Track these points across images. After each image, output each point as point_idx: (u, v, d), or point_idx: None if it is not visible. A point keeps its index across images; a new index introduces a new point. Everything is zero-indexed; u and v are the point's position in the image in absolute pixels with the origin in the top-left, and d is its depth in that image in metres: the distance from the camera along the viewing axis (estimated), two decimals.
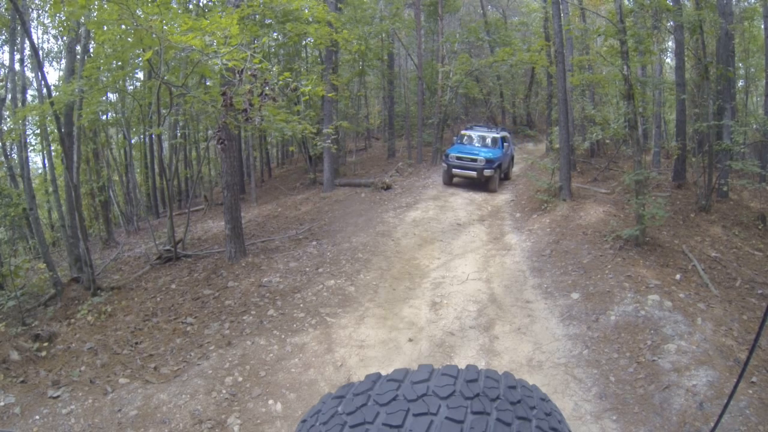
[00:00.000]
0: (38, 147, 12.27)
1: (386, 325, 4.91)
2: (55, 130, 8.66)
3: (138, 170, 16.48)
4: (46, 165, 11.89)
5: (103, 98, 10.02)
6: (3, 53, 15.26)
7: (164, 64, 5.75)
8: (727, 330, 4.47)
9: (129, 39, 5.79)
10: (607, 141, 11.84)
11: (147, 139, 14.73)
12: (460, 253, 6.94)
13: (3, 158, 8.65)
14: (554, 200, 8.61)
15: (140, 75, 11.92)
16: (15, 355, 4.51)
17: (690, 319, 4.60)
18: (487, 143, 12.01)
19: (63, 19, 7.02)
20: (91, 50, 8.58)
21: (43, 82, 7.21)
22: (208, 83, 9.54)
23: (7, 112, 8.56)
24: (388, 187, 11.15)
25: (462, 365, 0.60)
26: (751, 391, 3.60)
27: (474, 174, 10.88)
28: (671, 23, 9.25)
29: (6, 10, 7.70)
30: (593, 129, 10.36)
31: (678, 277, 5.53)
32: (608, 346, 4.39)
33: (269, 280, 6.10)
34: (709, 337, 4.30)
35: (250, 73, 4.59)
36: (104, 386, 4.07)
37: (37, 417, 3.65)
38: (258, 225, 9.72)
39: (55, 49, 13.71)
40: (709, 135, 8.01)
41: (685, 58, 9.23)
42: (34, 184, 9.68)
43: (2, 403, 3.81)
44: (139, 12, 4.87)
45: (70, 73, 7.31)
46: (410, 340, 4.63)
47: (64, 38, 9.73)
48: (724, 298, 5.13)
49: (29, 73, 10.23)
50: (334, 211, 9.79)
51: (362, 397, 0.55)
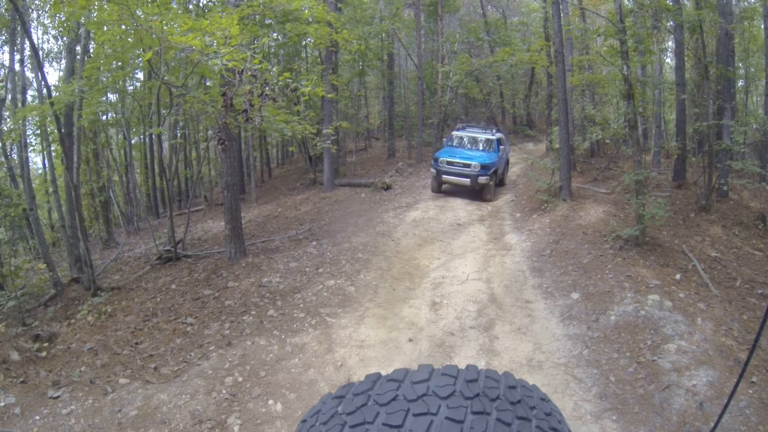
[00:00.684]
0: (38, 147, 12.28)
1: (386, 325, 4.91)
2: (55, 131, 8.66)
3: (138, 170, 16.48)
4: (46, 165, 11.90)
5: (103, 98, 10.02)
6: (3, 53, 15.27)
7: (164, 64, 5.75)
8: (727, 330, 4.47)
9: (129, 39, 5.79)
10: (607, 141, 11.84)
11: (147, 140, 14.74)
12: (460, 253, 6.94)
13: (3, 158, 8.65)
14: (554, 200, 8.61)
15: (140, 75, 11.93)
16: (15, 356, 4.52)
17: (690, 319, 4.60)
18: (482, 146, 11.16)
19: (63, 19, 7.02)
20: (91, 50, 8.57)
21: (43, 83, 7.21)
22: (208, 83, 9.55)
23: (7, 113, 8.56)
24: (388, 187, 11.15)
25: (462, 365, 0.60)
26: (751, 391, 3.60)
27: (467, 181, 9.99)
28: (671, 23, 9.25)
29: (6, 10, 7.70)
30: (593, 129, 10.37)
31: (678, 276, 5.53)
32: (608, 346, 4.39)
33: (269, 280, 6.10)
34: (709, 337, 4.30)
35: (250, 74, 4.59)
36: (104, 386, 4.07)
37: (38, 417, 3.66)
38: (258, 225, 9.72)
39: (55, 50, 13.73)
40: (709, 135, 8.01)
41: (685, 58, 9.23)
42: (34, 185, 9.68)
43: (2, 404, 3.81)
44: (139, 12, 4.87)
45: (70, 73, 7.31)
46: (410, 340, 4.63)
47: (64, 38, 9.73)
48: (724, 298, 5.13)
49: (29, 74, 10.24)
50: (334, 211, 9.79)
51: (362, 397, 0.55)
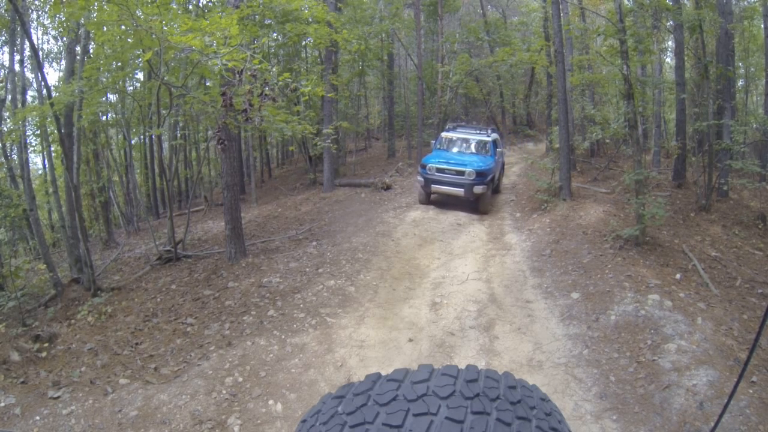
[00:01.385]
0: (38, 148, 12.30)
1: (386, 326, 4.91)
2: (55, 131, 8.67)
3: (138, 171, 16.49)
4: (46, 166, 11.90)
5: (103, 99, 10.03)
6: (3, 54, 15.27)
7: (164, 64, 5.75)
8: (728, 329, 4.47)
9: (129, 40, 5.81)
10: (607, 141, 11.84)
11: (147, 140, 14.75)
12: (460, 253, 6.94)
13: (3, 159, 8.65)
14: (554, 200, 8.61)
15: (140, 75, 11.92)
16: (15, 356, 4.52)
17: (690, 318, 4.60)
18: (475, 149, 9.94)
19: (63, 19, 7.04)
20: (91, 51, 8.58)
21: (43, 83, 7.21)
22: (207, 84, 9.55)
23: (7, 113, 8.56)
24: (388, 187, 11.15)
25: (462, 365, 0.60)
26: (751, 391, 3.60)
27: (460, 192, 8.76)
28: (671, 23, 9.25)
29: (6, 10, 7.70)
30: (593, 129, 10.38)
31: (678, 276, 5.53)
32: (608, 346, 4.39)
33: (269, 280, 6.10)
34: (710, 337, 4.30)
35: (249, 74, 4.59)
36: (104, 387, 4.07)
37: (38, 417, 3.65)
38: (258, 225, 9.72)
39: (55, 50, 13.73)
40: (709, 134, 8.02)
41: (685, 58, 9.24)
42: (34, 185, 9.68)
43: (3, 404, 3.81)
44: (139, 13, 4.87)
45: (70, 73, 7.31)
46: (410, 340, 4.63)
47: (64, 39, 9.74)
48: (725, 298, 5.13)
49: (29, 74, 10.24)
50: (334, 211, 9.79)
51: (362, 397, 0.55)
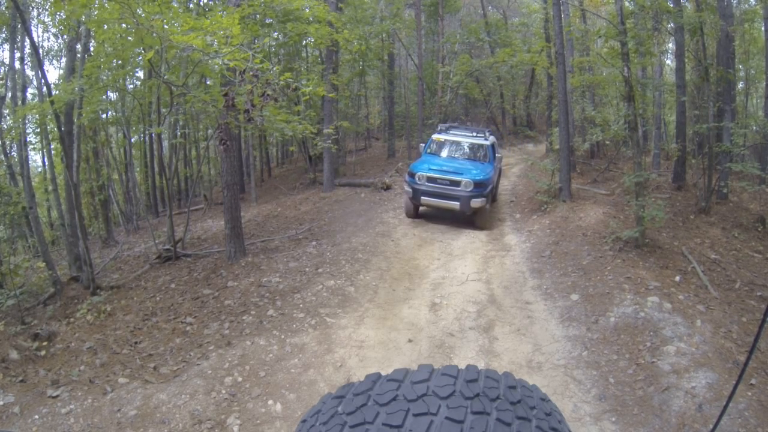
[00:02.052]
0: (38, 145, 12.27)
1: (386, 326, 4.91)
2: (55, 129, 8.67)
3: (138, 169, 16.48)
4: (46, 164, 11.91)
5: (104, 97, 10.02)
6: (3, 51, 15.30)
7: (165, 63, 5.75)
8: (727, 332, 4.47)
9: (130, 38, 5.80)
10: (607, 142, 11.84)
11: (147, 138, 14.74)
12: (460, 254, 6.94)
13: (3, 157, 8.64)
14: (554, 201, 8.61)
15: (140, 74, 11.91)
16: (14, 354, 4.51)
17: (689, 320, 4.60)
18: (472, 154, 8.83)
19: (63, 17, 7.02)
20: (92, 49, 8.57)
21: (43, 81, 7.21)
22: (208, 83, 9.53)
23: (7, 111, 8.56)
24: (388, 188, 11.15)
25: (462, 366, 0.60)
26: (750, 393, 3.61)
27: (455, 205, 7.64)
28: (672, 25, 9.26)
29: (6, 8, 7.70)
30: (593, 130, 10.37)
31: (677, 278, 5.53)
32: (608, 348, 4.39)
33: (269, 280, 6.09)
34: (709, 339, 4.30)
35: (251, 73, 4.59)
36: (104, 386, 4.07)
37: (37, 416, 3.65)
38: (258, 225, 9.71)
39: (56, 48, 13.74)
40: (709, 137, 8.02)
41: (686, 60, 9.25)
42: (33, 183, 9.67)
43: (1, 403, 3.80)
44: (140, 11, 4.87)
45: (71, 71, 7.30)
46: (410, 341, 4.63)
47: (65, 37, 9.74)
48: (724, 300, 5.13)
49: (29, 72, 10.24)
50: (334, 211, 9.79)
51: (362, 397, 0.55)
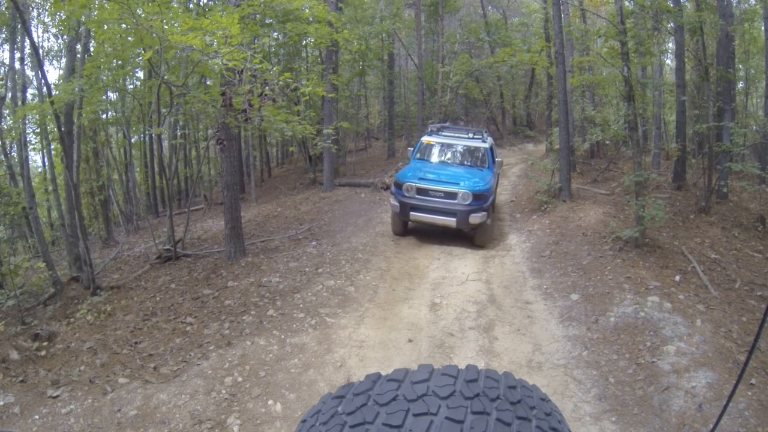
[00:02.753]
0: (38, 146, 12.28)
1: (386, 326, 4.91)
2: (55, 129, 8.66)
3: (138, 169, 16.48)
4: (46, 164, 11.92)
5: (104, 97, 10.03)
6: (3, 52, 15.31)
7: (164, 63, 5.75)
8: (727, 332, 4.47)
9: (129, 38, 5.80)
10: (607, 142, 11.84)
11: (147, 139, 14.74)
12: (460, 254, 6.94)
13: (3, 157, 8.64)
14: (554, 201, 8.61)
15: (140, 74, 11.91)
16: (14, 355, 4.51)
17: (689, 320, 4.60)
18: (468, 159, 7.75)
19: (63, 17, 7.02)
20: (92, 49, 8.57)
21: (43, 81, 7.21)
22: (208, 83, 9.53)
23: (7, 111, 8.56)
24: (387, 187, 11.14)
25: (462, 366, 0.60)
26: (750, 393, 3.60)
27: (451, 222, 6.65)
28: (672, 25, 9.26)
29: (6, 8, 7.70)
30: (593, 130, 10.37)
31: (677, 278, 5.53)
32: (608, 348, 4.39)
33: (269, 280, 6.09)
34: (709, 339, 4.30)
35: (250, 74, 4.59)
36: (104, 386, 4.07)
37: (37, 417, 3.65)
38: (258, 225, 9.71)
39: (55, 48, 13.75)
40: (709, 136, 8.02)
41: (686, 60, 9.24)
42: (33, 183, 9.68)
43: (2, 403, 3.80)
44: (140, 11, 4.87)
45: (71, 71, 7.30)
46: (410, 341, 4.63)
47: (65, 37, 9.74)
48: (724, 300, 5.13)
49: (29, 72, 10.25)
50: (334, 211, 9.79)
51: (362, 397, 0.55)
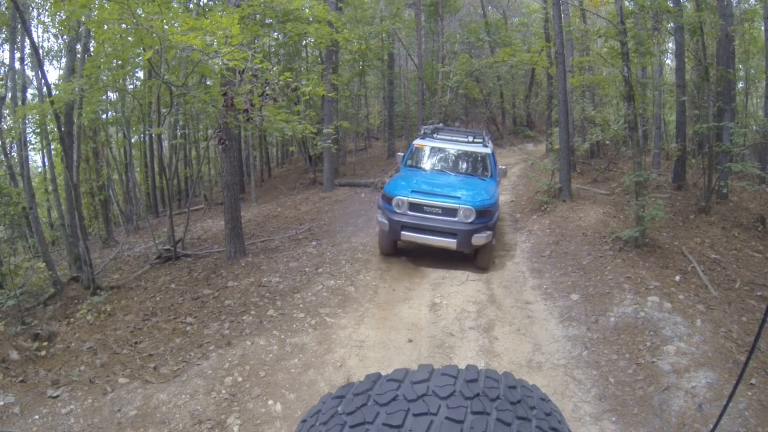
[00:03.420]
0: (38, 146, 12.28)
1: (386, 326, 4.91)
2: (55, 129, 8.66)
3: (138, 169, 16.48)
4: (46, 164, 11.91)
5: (104, 97, 10.03)
6: (3, 52, 15.31)
7: (165, 63, 5.75)
8: (727, 332, 4.47)
9: (129, 38, 5.80)
10: (607, 142, 11.84)
11: (147, 138, 14.74)
12: (460, 253, 6.93)
13: (3, 157, 8.64)
14: (554, 201, 8.61)
15: (140, 74, 11.91)
16: (14, 355, 4.51)
17: (689, 320, 4.60)
18: (468, 166, 6.86)
19: (63, 17, 7.02)
20: (92, 49, 8.57)
21: (43, 81, 7.20)
22: (208, 83, 9.54)
23: (7, 111, 8.56)
24: None
25: (462, 366, 0.60)
26: (750, 393, 3.60)
27: (451, 243, 5.85)
28: (672, 25, 9.26)
29: (6, 8, 7.70)
30: (593, 130, 10.37)
31: (677, 278, 5.53)
32: (608, 348, 4.39)
33: (269, 280, 6.09)
34: (709, 339, 4.30)
35: (251, 73, 4.59)
36: (104, 386, 4.07)
37: (37, 417, 3.65)
38: (258, 224, 9.71)
39: (55, 48, 13.75)
40: (709, 136, 8.01)
41: (686, 60, 9.24)
42: (33, 183, 9.67)
43: (2, 403, 3.81)
44: (140, 11, 4.87)
45: (71, 71, 7.30)
46: (410, 341, 4.63)
47: (65, 37, 9.73)
48: (724, 300, 5.13)
49: (29, 72, 10.23)
50: (334, 211, 9.79)
51: (362, 397, 0.55)
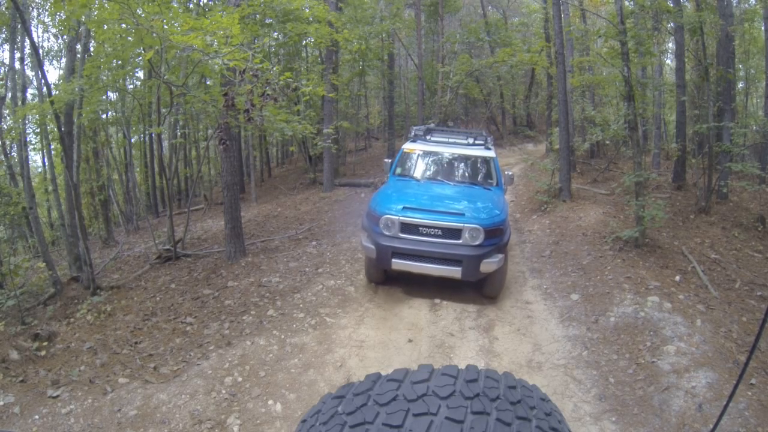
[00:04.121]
0: (38, 146, 12.28)
1: (386, 326, 4.91)
2: (55, 129, 8.66)
3: (138, 169, 16.48)
4: (46, 164, 11.91)
5: (104, 97, 10.02)
6: (3, 52, 15.31)
7: (165, 63, 5.75)
8: (727, 332, 4.47)
9: (129, 38, 5.80)
10: (607, 142, 11.83)
11: (147, 138, 14.74)
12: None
13: (3, 157, 8.64)
14: (554, 201, 8.61)
15: (140, 74, 11.92)
16: (14, 355, 4.51)
17: (689, 320, 4.60)
18: (469, 174, 5.95)
19: (63, 17, 7.02)
20: (92, 49, 8.57)
21: (43, 81, 7.20)
22: (208, 83, 9.54)
23: (7, 111, 8.56)
24: None
25: (462, 366, 0.60)
26: (750, 393, 3.61)
27: (455, 272, 4.84)
28: (672, 25, 9.26)
29: (6, 8, 7.70)
30: (593, 130, 10.36)
31: (677, 278, 5.53)
32: (608, 348, 4.39)
33: (269, 280, 6.09)
34: (709, 339, 4.30)
35: (251, 73, 4.59)
36: (104, 386, 4.07)
37: (37, 417, 3.65)
38: (258, 224, 9.71)
39: (56, 48, 13.75)
40: (709, 136, 8.01)
41: (686, 60, 9.24)
42: (33, 183, 9.67)
43: (2, 403, 3.81)
44: (140, 11, 4.87)
45: (71, 71, 7.30)
46: (410, 341, 4.63)
47: (65, 37, 9.73)
48: (724, 300, 5.13)
49: (29, 72, 10.24)
50: (334, 211, 9.79)
51: (362, 397, 0.55)
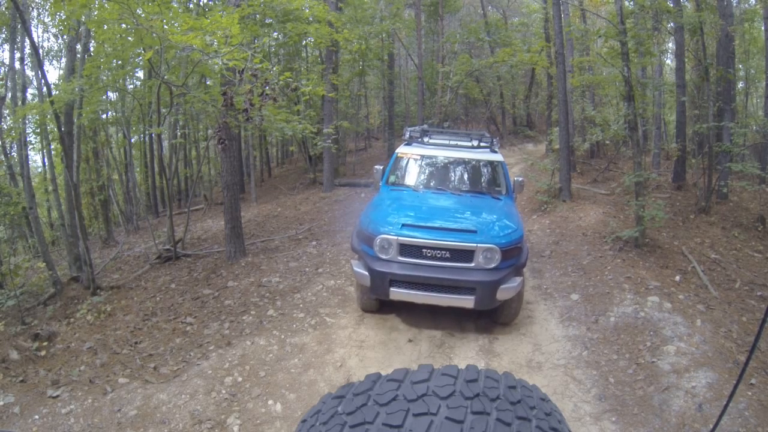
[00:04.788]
0: (38, 146, 12.28)
1: (386, 326, 4.91)
2: (55, 129, 8.66)
3: (138, 169, 16.48)
4: (46, 164, 11.91)
5: (104, 97, 10.03)
6: (3, 52, 15.32)
7: (164, 63, 5.75)
8: (727, 332, 4.47)
9: (129, 38, 5.81)
10: (607, 142, 11.83)
11: (147, 138, 14.73)
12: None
13: (3, 157, 8.64)
14: (554, 201, 8.61)
15: (140, 74, 11.92)
16: (14, 355, 4.51)
17: (689, 320, 4.60)
18: (475, 182, 5.34)
19: (63, 17, 7.02)
20: (92, 49, 8.57)
21: (43, 81, 7.20)
22: (208, 83, 9.54)
23: (7, 111, 8.56)
24: None
25: (462, 366, 0.60)
26: (750, 393, 3.61)
27: (468, 301, 4.23)
28: (672, 25, 9.26)
29: (6, 8, 7.70)
30: (593, 130, 10.37)
31: (677, 278, 5.53)
32: (608, 348, 4.39)
33: (269, 280, 6.09)
34: (709, 339, 4.30)
35: (250, 73, 4.59)
36: (104, 386, 4.07)
37: (37, 417, 3.65)
38: (258, 224, 9.71)
39: (56, 48, 13.75)
40: (709, 136, 8.02)
41: (686, 60, 9.24)
42: (33, 183, 9.67)
43: (2, 403, 3.81)
44: (140, 11, 4.87)
45: (71, 71, 7.31)
46: (410, 341, 4.63)
47: (65, 37, 9.73)
48: (724, 300, 5.13)
49: (29, 72, 10.24)
50: (334, 211, 9.79)
51: (362, 397, 0.55)
